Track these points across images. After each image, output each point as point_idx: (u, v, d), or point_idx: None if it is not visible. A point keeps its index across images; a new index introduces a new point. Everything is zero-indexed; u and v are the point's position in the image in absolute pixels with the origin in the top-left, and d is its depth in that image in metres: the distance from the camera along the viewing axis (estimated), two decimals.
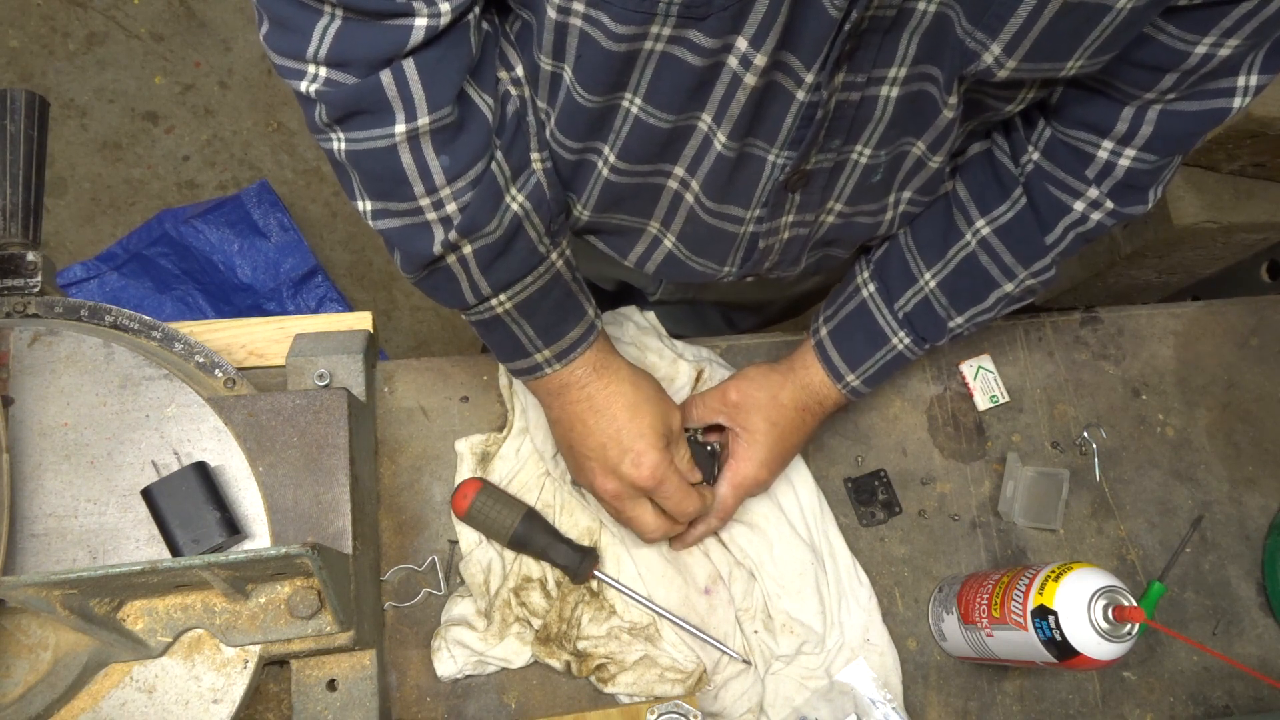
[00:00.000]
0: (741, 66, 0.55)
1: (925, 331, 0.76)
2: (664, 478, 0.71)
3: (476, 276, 0.65)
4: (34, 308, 0.72)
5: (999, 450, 0.89)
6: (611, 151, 0.65)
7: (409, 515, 0.79)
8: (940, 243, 0.75)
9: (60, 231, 1.90)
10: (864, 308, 0.78)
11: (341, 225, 1.98)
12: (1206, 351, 0.96)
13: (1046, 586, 0.68)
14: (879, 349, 0.77)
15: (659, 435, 0.72)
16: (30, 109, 0.74)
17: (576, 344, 0.70)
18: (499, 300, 0.66)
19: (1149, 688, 0.84)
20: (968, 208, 0.74)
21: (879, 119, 0.62)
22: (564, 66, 0.60)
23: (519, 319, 0.68)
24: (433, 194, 0.60)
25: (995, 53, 0.55)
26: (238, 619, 0.64)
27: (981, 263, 0.73)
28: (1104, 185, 0.68)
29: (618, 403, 0.71)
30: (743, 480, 0.77)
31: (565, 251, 0.68)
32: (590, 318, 0.71)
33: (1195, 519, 0.89)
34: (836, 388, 0.78)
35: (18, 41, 1.99)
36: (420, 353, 1.97)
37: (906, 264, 0.76)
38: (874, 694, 0.78)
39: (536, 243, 0.65)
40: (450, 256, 0.63)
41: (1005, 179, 0.72)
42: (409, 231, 0.62)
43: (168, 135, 1.99)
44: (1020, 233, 0.72)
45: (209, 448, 0.69)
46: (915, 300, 0.76)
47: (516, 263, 0.65)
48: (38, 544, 0.65)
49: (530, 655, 0.75)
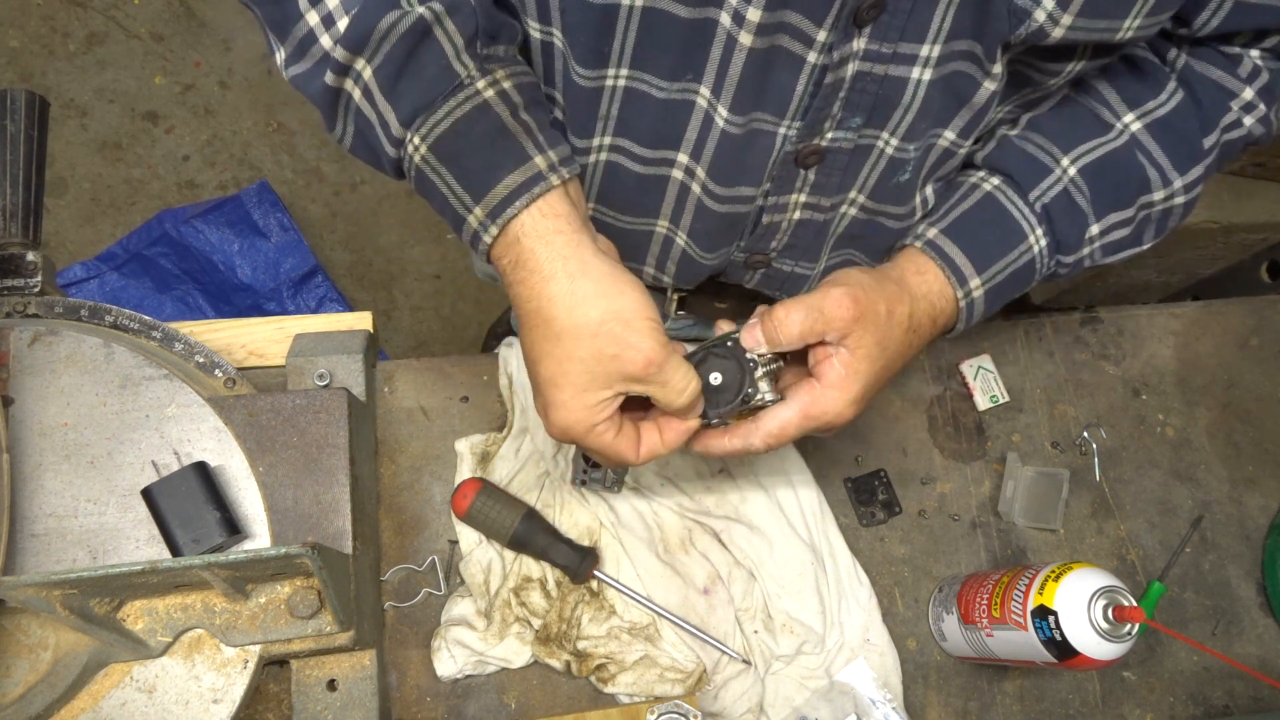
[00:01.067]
0: (735, 24, 0.50)
1: (1063, 233, 0.64)
2: (576, 438, 0.57)
3: (383, 107, 0.54)
4: (34, 308, 0.72)
5: (999, 450, 0.89)
6: (605, 135, 0.60)
7: (409, 515, 0.79)
8: (1079, 132, 0.64)
9: (60, 231, 1.90)
10: (990, 200, 0.65)
11: (341, 225, 1.98)
12: (1206, 351, 0.96)
13: (1046, 586, 0.68)
14: (1013, 248, 0.64)
15: (588, 380, 0.55)
16: (30, 109, 0.74)
17: (513, 197, 0.54)
18: (413, 143, 0.55)
19: (1149, 688, 0.84)
20: (1110, 100, 0.64)
21: (909, 105, 0.56)
22: (553, 31, 0.56)
23: (437, 166, 0.55)
24: (317, 5, 0.53)
25: (1049, 8, 0.50)
26: (238, 619, 0.64)
27: (1135, 158, 0.63)
28: (1255, 84, 0.63)
29: (553, 319, 0.54)
30: (822, 414, 0.59)
31: (501, 83, 0.55)
32: (535, 165, 0.54)
33: (1195, 519, 0.89)
34: (956, 297, 0.64)
35: (18, 41, 1.99)
36: (420, 353, 1.97)
37: (1034, 156, 0.64)
38: (874, 694, 0.78)
39: (452, 59, 0.53)
40: (354, 88, 0.55)
41: (1152, 71, 0.64)
42: (313, 70, 0.55)
43: (168, 135, 1.99)
44: (1180, 129, 0.63)
45: (209, 448, 0.69)
46: (1054, 190, 0.64)
47: (425, 81, 0.53)
48: (38, 544, 0.65)
49: (530, 655, 0.75)
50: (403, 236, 1.98)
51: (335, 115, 0.58)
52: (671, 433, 0.59)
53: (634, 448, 0.59)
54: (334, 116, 0.58)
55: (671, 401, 0.56)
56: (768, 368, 0.60)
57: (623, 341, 0.53)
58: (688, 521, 0.81)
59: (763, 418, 0.60)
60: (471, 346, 1.97)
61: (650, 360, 0.54)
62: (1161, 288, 1.67)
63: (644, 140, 0.61)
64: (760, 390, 0.60)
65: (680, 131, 0.59)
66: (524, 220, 0.54)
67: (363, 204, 1.98)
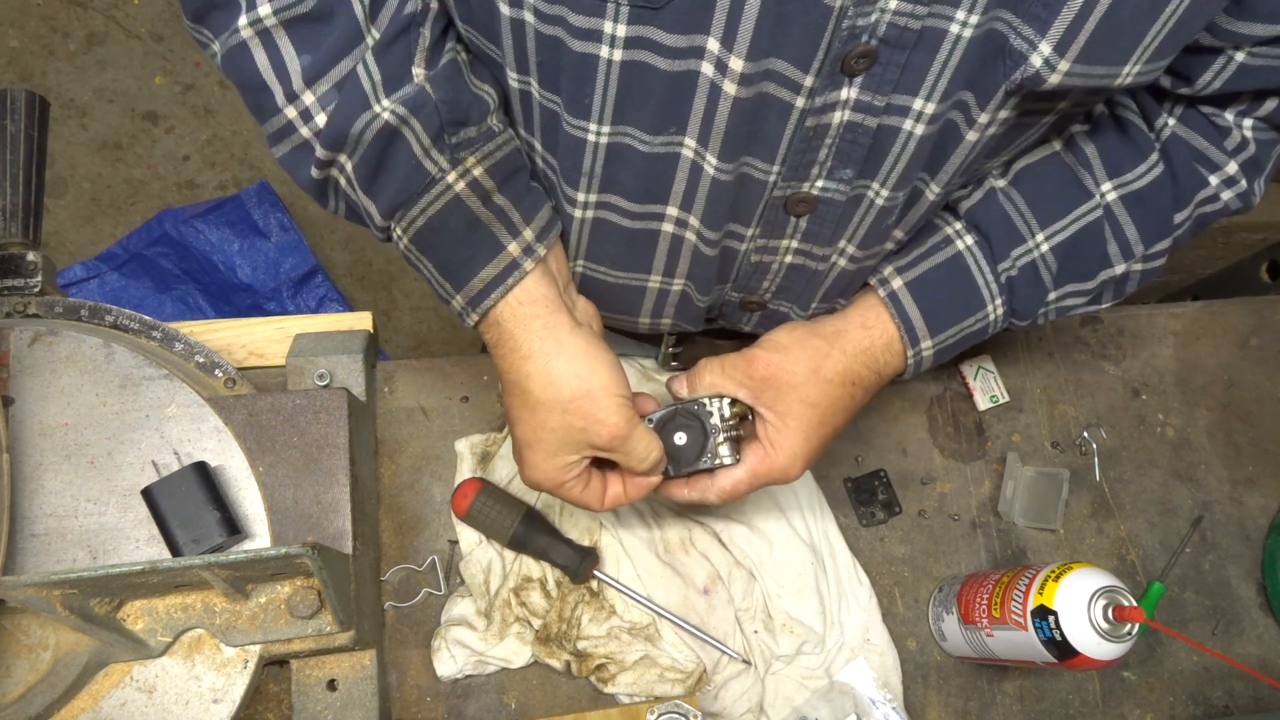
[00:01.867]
0: (719, 73, 0.49)
1: (1021, 304, 0.66)
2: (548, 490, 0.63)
3: (364, 201, 0.57)
4: (34, 308, 0.72)
5: (999, 450, 0.89)
6: (591, 191, 0.60)
7: (409, 515, 0.79)
8: (1062, 200, 0.63)
9: (60, 231, 1.90)
10: (958, 262, 0.65)
11: (341, 225, 1.98)
12: (1206, 351, 0.96)
13: (1046, 586, 0.68)
14: (970, 315, 0.66)
15: (558, 445, 0.61)
16: (30, 109, 0.74)
17: (489, 289, 0.58)
18: (396, 232, 0.58)
19: (1149, 688, 0.84)
20: (1094, 166, 0.63)
21: (899, 154, 0.55)
22: (530, 81, 0.56)
23: (419, 256, 0.58)
24: (294, 101, 0.53)
25: (1045, 53, 0.48)
26: (238, 619, 0.64)
27: (1103, 233, 0.63)
28: (1239, 158, 0.63)
29: (529, 392, 0.60)
30: (769, 471, 0.64)
31: (472, 171, 0.57)
32: (509, 254, 0.58)
33: (1195, 519, 0.89)
34: (906, 355, 0.66)
35: (18, 41, 1.99)
36: (420, 353, 1.97)
37: (1012, 220, 0.64)
38: (874, 694, 0.78)
39: (421, 157, 0.55)
40: (339, 176, 0.57)
41: (1138, 139, 0.63)
42: (296, 156, 0.56)
43: (168, 135, 1.99)
44: (1152, 204, 0.63)
45: (209, 448, 0.69)
46: (1023, 262, 0.64)
47: (397, 181, 0.56)
48: (38, 544, 0.65)
49: (530, 655, 0.75)
50: None
51: (325, 197, 0.60)
52: (634, 487, 0.65)
53: (599, 498, 0.65)
54: (324, 198, 0.60)
55: (634, 467, 0.63)
56: (729, 434, 0.65)
57: (590, 417, 0.59)
58: (688, 521, 0.81)
59: (719, 475, 0.66)
60: (471, 346, 1.97)
61: (615, 434, 0.59)
62: (1161, 288, 1.67)
63: (632, 195, 0.60)
64: (720, 455, 0.65)
65: (668, 185, 0.58)
66: (502, 309, 0.59)
67: None
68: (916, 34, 0.48)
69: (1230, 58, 0.58)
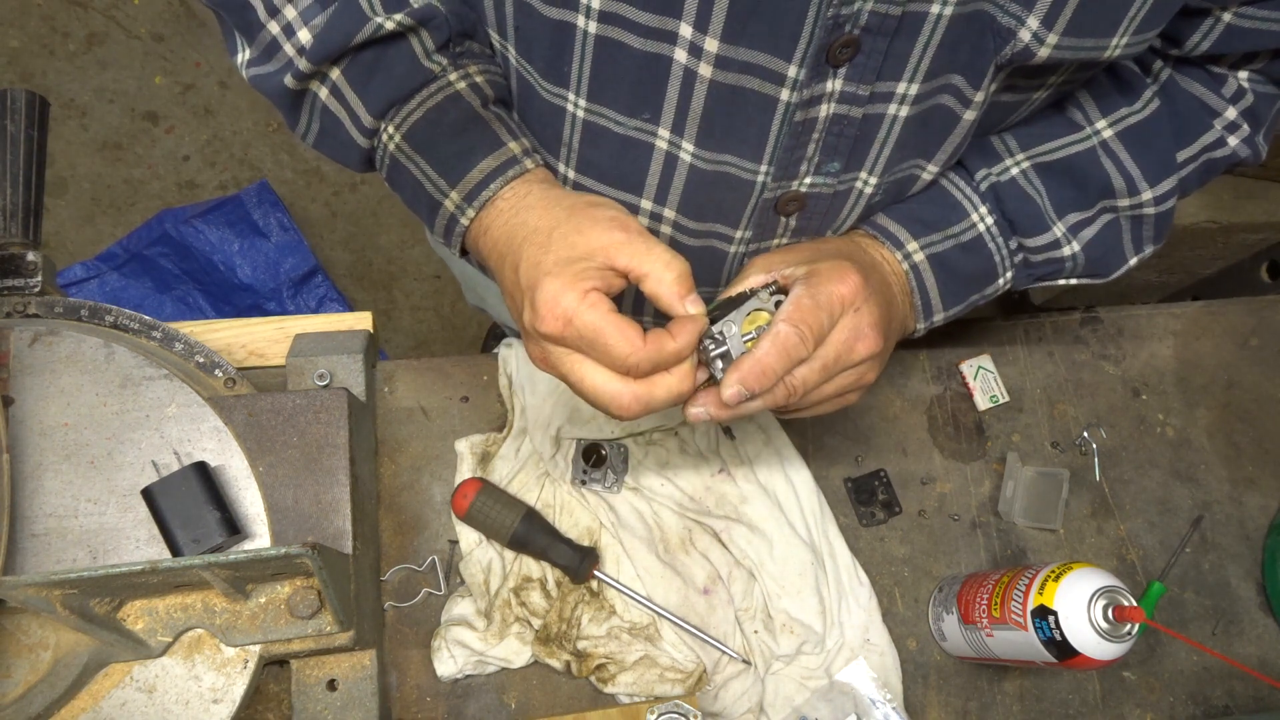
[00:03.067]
0: (692, 56, 0.49)
1: (1016, 214, 0.63)
2: (571, 316, 0.49)
3: (354, 102, 0.55)
4: (34, 308, 0.72)
5: (999, 450, 0.89)
6: (569, 166, 0.59)
7: (409, 515, 0.79)
8: (1044, 131, 0.63)
9: (60, 231, 1.90)
10: (933, 185, 0.64)
11: (341, 225, 1.98)
12: (1206, 351, 0.96)
13: (1046, 586, 0.68)
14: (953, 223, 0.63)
15: (568, 250, 0.51)
16: (30, 109, 0.74)
17: (489, 179, 0.54)
18: (387, 132, 0.56)
19: (1149, 688, 0.84)
20: (1085, 105, 0.63)
21: (885, 139, 0.55)
22: (508, 45, 0.55)
23: (411, 154, 0.55)
24: (276, 15, 0.53)
25: (1033, 27, 0.49)
26: (238, 619, 0.64)
27: (1098, 164, 0.62)
28: (1239, 105, 0.62)
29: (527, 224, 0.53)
30: (829, 297, 0.52)
31: (474, 76, 0.56)
32: (510, 150, 0.54)
33: (1195, 519, 0.89)
34: (897, 259, 0.63)
35: (18, 41, 1.99)
36: (420, 353, 1.97)
37: (988, 143, 0.64)
38: (874, 694, 0.78)
39: (423, 58, 0.54)
40: (320, 87, 0.55)
41: (1133, 80, 0.62)
42: (276, 74, 0.55)
43: (168, 135, 1.99)
44: (1153, 138, 0.62)
45: (209, 448, 0.69)
46: (1002, 176, 0.63)
47: (396, 78, 0.54)
48: (38, 544, 0.65)
49: (530, 655, 0.75)
50: (403, 236, 1.98)
51: (299, 113, 0.58)
52: (681, 330, 0.51)
53: (638, 333, 0.50)
54: (296, 114, 0.59)
55: (661, 275, 0.50)
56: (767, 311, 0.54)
57: (595, 216, 0.51)
58: (688, 521, 0.81)
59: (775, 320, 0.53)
60: (471, 346, 1.97)
61: (623, 224, 0.51)
62: (1161, 288, 1.67)
63: (607, 179, 0.59)
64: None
65: (641, 176, 0.58)
66: (499, 205, 0.54)
67: (363, 204, 1.98)
68: (897, 20, 0.48)
69: (1218, 19, 0.57)
